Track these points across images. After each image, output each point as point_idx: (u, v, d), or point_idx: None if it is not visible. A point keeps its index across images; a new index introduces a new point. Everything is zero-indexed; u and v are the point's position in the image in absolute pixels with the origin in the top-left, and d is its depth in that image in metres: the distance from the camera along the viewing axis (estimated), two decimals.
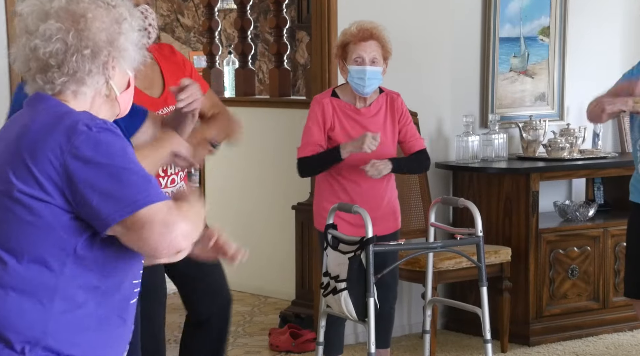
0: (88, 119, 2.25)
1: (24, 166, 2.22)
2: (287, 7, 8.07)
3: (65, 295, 2.26)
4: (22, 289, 2.24)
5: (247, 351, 6.16)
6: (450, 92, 6.64)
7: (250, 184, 7.52)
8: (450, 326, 6.57)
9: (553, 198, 6.81)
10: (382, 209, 5.10)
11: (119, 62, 2.34)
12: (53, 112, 2.28)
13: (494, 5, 6.69)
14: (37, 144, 2.23)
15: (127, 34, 2.35)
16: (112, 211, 2.19)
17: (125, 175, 2.20)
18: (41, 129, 2.25)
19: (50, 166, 2.21)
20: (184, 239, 2.22)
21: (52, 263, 2.24)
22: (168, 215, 2.20)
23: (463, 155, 6.51)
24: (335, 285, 4.57)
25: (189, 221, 2.23)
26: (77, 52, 2.29)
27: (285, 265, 7.01)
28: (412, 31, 6.42)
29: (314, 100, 5.15)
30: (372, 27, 5.04)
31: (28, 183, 2.22)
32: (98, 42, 2.31)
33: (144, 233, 2.19)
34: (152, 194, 2.21)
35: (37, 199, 2.22)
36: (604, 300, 6.54)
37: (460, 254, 5.00)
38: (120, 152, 2.23)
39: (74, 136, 2.21)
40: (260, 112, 7.55)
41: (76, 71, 2.30)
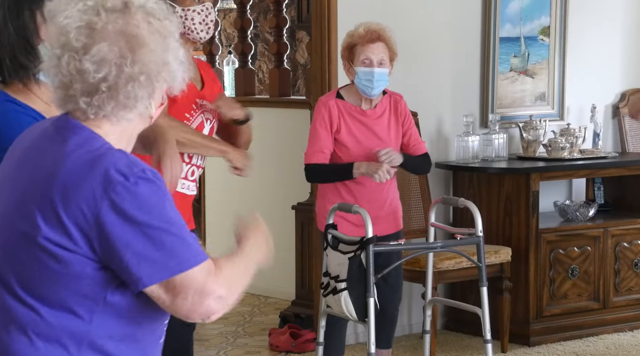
0: (125, 167, 2.07)
1: (53, 212, 2.07)
2: (287, 7, 8.07)
3: (95, 344, 2.13)
4: (49, 336, 2.12)
5: (247, 351, 6.16)
6: (450, 92, 6.64)
7: (250, 184, 7.51)
8: (450, 326, 6.57)
9: (553, 198, 6.81)
10: (385, 209, 5.10)
11: (167, 84, 2.19)
12: (88, 152, 2.10)
13: (494, 5, 6.68)
14: (70, 191, 2.07)
15: (175, 52, 2.17)
16: (145, 274, 2.05)
17: (162, 236, 2.05)
18: (75, 173, 2.08)
19: (82, 216, 2.05)
20: (218, 305, 2.10)
21: (80, 312, 2.11)
22: (205, 282, 2.07)
23: (463, 155, 6.51)
24: (335, 285, 4.57)
25: (226, 286, 2.11)
26: (134, 79, 2.11)
27: (285, 265, 7.01)
28: (412, 31, 6.41)
29: (320, 102, 5.15)
30: (379, 28, 5.06)
31: (55, 230, 2.07)
32: (152, 67, 2.12)
33: (177, 299, 2.07)
34: (188, 259, 2.07)
35: (63, 247, 2.07)
36: (604, 300, 6.54)
37: (461, 254, 5.00)
38: (158, 207, 2.07)
39: (110, 186, 2.05)
40: (260, 112, 7.53)
41: (129, 98, 2.12)
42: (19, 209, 2.12)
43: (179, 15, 4.17)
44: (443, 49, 6.59)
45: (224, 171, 7.45)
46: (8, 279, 2.14)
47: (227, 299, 2.12)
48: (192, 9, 4.21)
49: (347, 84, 5.19)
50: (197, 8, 4.19)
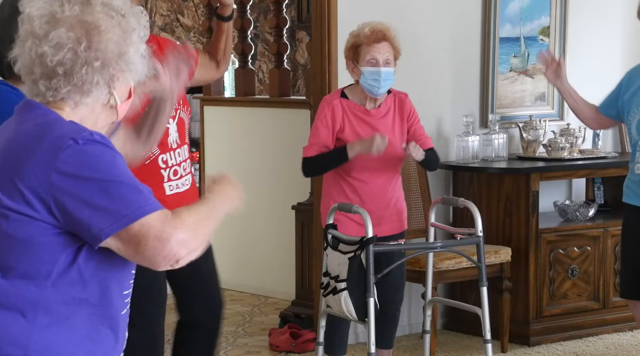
0: (74, 132, 2.19)
1: (10, 182, 2.17)
2: (287, 7, 8.07)
3: (50, 309, 2.20)
4: (5, 304, 2.20)
5: (247, 351, 6.16)
6: (450, 92, 6.64)
7: (250, 184, 7.50)
8: (450, 326, 6.57)
9: (553, 198, 6.81)
10: (390, 209, 5.10)
11: (125, 74, 2.29)
12: (39, 124, 2.23)
13: (494, 5, 6.69)
14: (23, 159, 2.18)
15: (136, 45, 2.30)
16: (104, 226, 2.14)
17: (115, 188, 2.16)
18: (27, 142, 2.20)
19: (37, 182, 2.16)
20: (181, 248, 2.16)
21: (36, 278, 2.19)
22: (162, 227, 2.15)
23: (463, 155, 6.51)
24: (335, 285, 4.57)
25: (187, 229, 2.18)
26: (87, 64, 2.23)
27: (285, 265, 7.01)
28: (412, 31, 6.41)
29: (324, 101, 5.15)
30: (384, 28, 5.07)
31: (14, 199, 2.16)
32: (108, 54, 2.25)
33: (139, 247, 2.15)
34: (144, 206, 2.16)
35: (23, 214, 2.17)
36: (604, 300, 6.54)
37: (461, 254, 5.00)
38: (109, 163, 2.18)
39: (60, 150, 2.16)
40: (260, 112, 7.55)
41: (84, 82, 2.24)
42: None
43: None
44: (443, 49, 6.59)
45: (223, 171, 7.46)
46: None
47: (191, 242, 2.18)
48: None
49: (351, 84, 5.20)
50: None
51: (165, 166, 4.15)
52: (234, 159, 7.43)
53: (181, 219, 2.18)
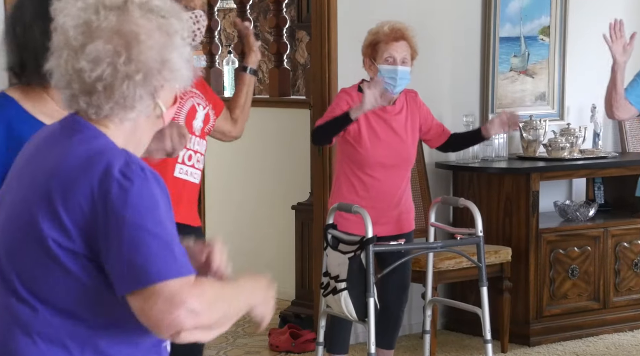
0: (124, 164, 2.03)
1: (52, 210, 2.04)
2: (287, 7, 8.07)
3: (97, 346, 2.10)
4: (52, 338, 2.09)
5: (247, 351, 6.16)
6: (450, 92, 6.64)
7: (250, 184, 7.52)
8: (450, 326, 6.57)
9: (553, 198, 6.81)
10: (399, 208, 5.11)
11: (170, 83, 2.12)
12: (89, 149, 2.07)
13: (494, 5, 6.68)
14: (69, 187, 2.03)
15: (180, 49, 2.12)
16: (126, 279, 2.00)
17: (148, 241, 1.99)
18: (75, 169, 2.05)
19: (80, 213, 2.02)
20: (188, 319, 1.97)
21: (82, 314, 2.08)
22: (178, 291, 1.97)
23: (463, 155, 6.51)
24: (335, 285, 4.57)
25: (203, 301, 1.99)
26: (129, 78, 2.07)
27: (285, 265, 7.01)
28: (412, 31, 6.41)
29: (342, 91, 5.20)
30: (403, 27, 5.12)
31: (55, 228, 2.03)
32: (151, 65, 2.08)
33: (146, 305, 1.98)
34: (170, 269, 1.99)
35: (64, 247, 2.04)
36: (604, 300, 6.54)
37: (461, 254, 5.00)
38: (150, 210, 2.01)
39: (106, 183, 2.01)
40: (260, 112, 7.54)
41: (126, 98, 2.08)
42: (23, 208, 2.10)
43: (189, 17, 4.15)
44: (443, 49, 6.59)
45: (224, 171, 7.47)
46: (11, 279, 2.11)
47: (202, 317, 1.99)
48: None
49: (366, 81, 5.21)
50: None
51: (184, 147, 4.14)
52: (234, 159, 7.43)
53: (202, 289, 2.01)
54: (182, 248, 2.05)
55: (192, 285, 2.00)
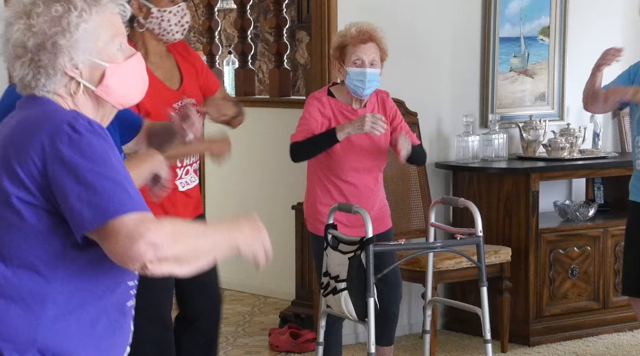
0: (73, 119, 2.20)
1: (10, 168, 2.18)
2: (287, 7, 8.07)
3: (57, 300, 2.20)
4: (11, 295, 2.19)
5: (247, 351, 6.16)
6: (450, 92, 6.64)
7: (250, 184, 7.52)
8: (450, 326, 6.57)
9: (553, 198, 6.81)
10: (376, 208, 5.09)
11: (75, 57, 2.27)
12: (40, 111, 2.25)
13: (494, 5, 6.69)
14: (22, 145, 2.19)
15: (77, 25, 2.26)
16: (89, 219, 2.13)
17: (102, 182, 2.14)
18: (27, 128, 2.21)
19: (34, 167, 2.16)
20: (149, 251, 2.11)
21: (41, 268, 2.19)
22: (135, 226, 2.11)
23: (463, 155, 6.51)
24: (335, 285, 4.57)
25: (162, 235, 2.13)
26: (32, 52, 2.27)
27: (285, 265, 7.01)
28: (412, 31, 6.42)
29: (312, 97, 5.13)
30: (371, 29, 5.04)
31: (15, 185, 2.17)
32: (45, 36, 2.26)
33: (110, 243, 2.12)
34: (126, 205, 2.14)
35: (24, 201, 2.17)
36: (604, 300, 6.54)
37: (460, 254, 5.00)
38: (102, 156, 2.17)
39: (57, 136, 2.16)
40: (260, 112, 7.54)
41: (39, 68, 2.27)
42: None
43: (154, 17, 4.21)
44: (443, 49, 6.59)
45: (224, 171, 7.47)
46: None
47: (163, 249, 2.12)
48: (168, 10, 4.24)
49: (336, 84, 5.18)
50: (172, 9, 4.24)
51: (181, 165, 4.24)
52: (234, 159, 7.41)
53: (160, 224, 2.14)
54: (137, 190, 2.19)
55: (150, 221, 2.12)
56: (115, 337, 2.31)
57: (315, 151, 5.01)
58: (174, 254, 2.15)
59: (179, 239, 2.16)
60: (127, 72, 2.34)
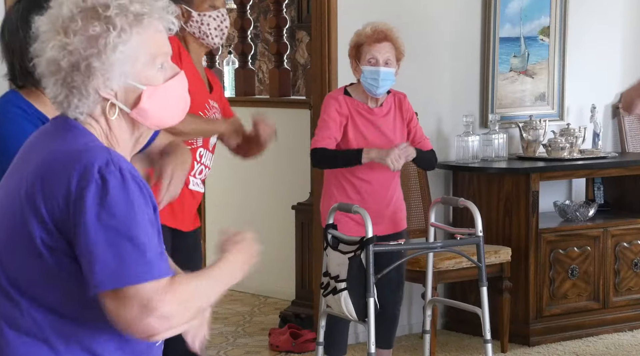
0: (104, 164, 2.05)
1: (35, 207, 2.07)
2: (287, 7, 8.07)
3: (82, 342, 2.12)
4: (36, 334, 2.11)
5: (247, 351, 6.16)
6: (450, 92, 6.64)
7: (250, 184, 7.52)
8: (450, 326, 6.57)
9: (553, 198, 6.81)
10: (391, 208, 5.11)
11: (110, 79, 2.13)
12: (72, 146, 2.11)
13: (494, 5, 6.69)
14: (49, 184, 2.07)
15: (115, 47, 2.12)
16: (99, 279, 2.01)
17: (122, 242, 2.02)
18: (56, 166, 2.08)
19: (58, 209, 2.05)
20: (161, 324, 2.02)
21: (66, 311, 2.10)
22: (151, 298, 2.00)
23: (463, 155, 6.51)
24: (335, 285, 4.57)
25: (175, 304, 2.03)
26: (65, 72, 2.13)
27: (285, 265, 7.01)
28: (412, 31, 6.41)
29: (329, 97, 5.18)
30: (386, 28, 5.09)
31: (39, 226, 2.06)
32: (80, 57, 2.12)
33: (118, 310, 2.02)
34: (143, 272, 2.02)
35: (46, 244, 2.05)
36: (604, 299, 6.54)
37: (460, 254, 5.00)
38: (125, 212, 2.03)
39: (85, 182, 2.03)
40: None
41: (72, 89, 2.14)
42: (12, 205, 2.12)
43: (195, 21, 4.23)
44: (443, 49, 6.59)
45: (224, 171, 7.47)
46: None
47: (174, 320, 2.04)
48: (208, 14, 4.27)
49: (354, 83, 5.21)
50: (212, 14, 4.27)
51: (199, 160, 4.24)
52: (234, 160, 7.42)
53: (173, 293, 2.03)
54: (159, 249, 2.07)
55: (165, 289, 2.02)
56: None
57: (337, 165, 5.09)
58: (184, 321, 2.07)
59: (190, 304, 2.07)
60: (166, 95, 2.20)
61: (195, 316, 2.11)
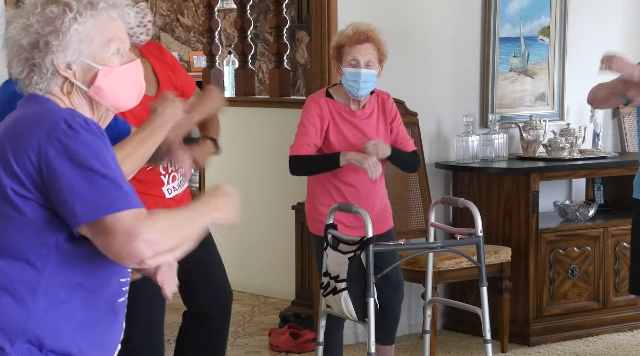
0: (69, 116, 2.26)
1: (7, 162, 2.24)
2: (287, 7, 8.07)
3: (48, 292, 2.25)
4: (4, 285, 2.25)
5: (247, 351, 6.16)
6: (450, 92, 6.64)
7: (250, 184, 7.52)
8: (450, 326, 6.57)
9: (553, 198, 6.81)
10: (377, 209, 5.09)
11: (67, 57, 2.35)
12: (38, 109, 2.32)
13: (494, 5, 6.69)
14: (19, 140, 2.25)
15: (69, 26, 2.34)
16: (81, 213, 2.19)
17: (98, 179, 2.21)
18: (25, 124, 2.28)
19: (29, 162, 2.22)
20: (147, 248, 2.19)
21: (34, 260, 2.24)
22: (132, 224, 2.18)
23: (463, 155, 6.51)
24: (335, 285, 4.57)
25: (157, 231, 2.20)
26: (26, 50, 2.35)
27: (285, 265, 7.01)
28: (412, 31, 6.42)
29: (310, 99, 5.12)
30: (368, 29, 5.01)
31: (11, 178, 2.24)
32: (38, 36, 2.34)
33: (107, 240, 2.19)
34: (120, 201, 2.20)
35: (19, 195, 2.23)
36: (604, 300, 6.54)
37: (460, 254, 5.00)
38: (97, 153, 2.23)
39: (53, 133, 2.23)
40: (260, 112, 7.55)
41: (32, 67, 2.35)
42: None
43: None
44: (443, 49, 6.59)
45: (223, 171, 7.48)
46: None
47: (159, 244, 2.20)
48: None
49: (336, 84, 5.18)
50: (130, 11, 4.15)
51: (166, 172, 4.20)
52: (234, 159, 7.43)
53: (153, 220, 2.21)
54: (131, 186, 2.26)
55: (145, 217, 2.20)
56: (105, 332, 2.36)
57: (316, 171, 5.05)
58: (169, 247, 2.23)
59: (172, 232, 2.24)
60: (121, 76, 2.41)
61: (179, 245, 2.27)
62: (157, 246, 2.20)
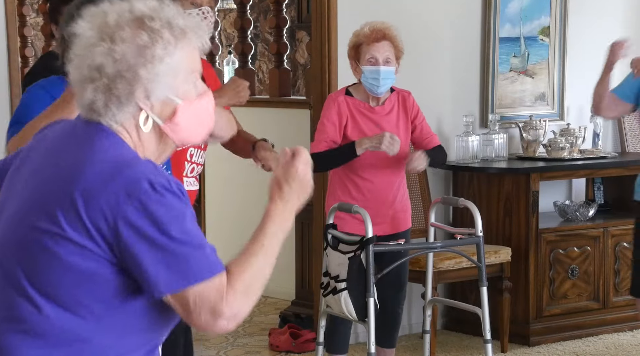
0: (152, 176, 2.08)
1: (74, 212, 2.07)
2: (287, 7, 8.07)
3: (98, 347, 2.13)
4: (50, 337, 2.11)
5: (247, 351, 6.16)
6: (450, 92, 6.64)
7: (250, 184, 7.52)
8: (450, 326, 6.57)
9: (553, 198, 6.81)
10: (395, 207, 5.11)
11: (151, 91, 2.14)
12: (114, 158, 2.11)
13: (494, 5, 6.69)
14: (93, 193, 2.06)
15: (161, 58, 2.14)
16: (162, 282, 2.07)
17: (180, 247, 2.07)
18: (100, 176, 2.08)
19: (103, 219, 2.06)
20: (231, 323, 2.12)
21: (87, 315, 2.11)
22: (216, 302, 2.08)
23: (463, 155, 6.51)
24: (335, 285, 4.57)
25: (239, 302, 2.12)
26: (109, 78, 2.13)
27: (285, 265, 7.01)
28: (412, 31, 6.41)
29: (329, 98, 5.19)
30: (384, 27, 5.09)
31: (77, 230, 2.07)
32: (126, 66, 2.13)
33: (192, 314, 2.09)
34: (204, 269, 2.08)
35: (85, 248, 2.07)
36: (604, 300, 6.54)
37: (460, 254, 5.01)
38: (179, 219, 2.08)
39: (135, 193, 2.06)
40: (260, 112, 7.54)
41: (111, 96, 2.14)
42: (38, 206, 2.12)
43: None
44: (443, 49, 6.59)
45: (224, 171, 7.48)
46: (16, 275, 2.12)
47: (241, 313, 2.13)
48: (187, 12, 4.19)
49: (355, 83, 5.21)
50: (192, 12, 4.14)
51: (190, 160, 4.21)
52: (233, 159, 7.42)
53: (234, 289, 2.11)
54: (212, 247, 2.13)
55: (227, 291, 2.10)
56: None
57: (336, 164, 5.08)
58: (250, 307, 2.16)
59: (251, 290, 2.16)
60: (197, 111, 2.22)
61: (260, 293, 2.18)
62: (239, 316, 2.12)
